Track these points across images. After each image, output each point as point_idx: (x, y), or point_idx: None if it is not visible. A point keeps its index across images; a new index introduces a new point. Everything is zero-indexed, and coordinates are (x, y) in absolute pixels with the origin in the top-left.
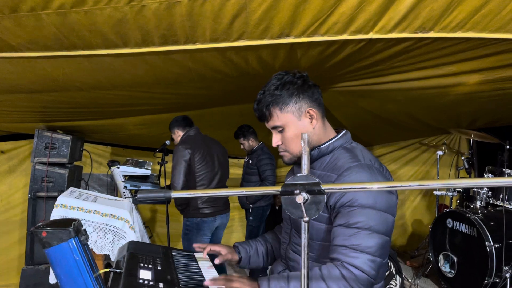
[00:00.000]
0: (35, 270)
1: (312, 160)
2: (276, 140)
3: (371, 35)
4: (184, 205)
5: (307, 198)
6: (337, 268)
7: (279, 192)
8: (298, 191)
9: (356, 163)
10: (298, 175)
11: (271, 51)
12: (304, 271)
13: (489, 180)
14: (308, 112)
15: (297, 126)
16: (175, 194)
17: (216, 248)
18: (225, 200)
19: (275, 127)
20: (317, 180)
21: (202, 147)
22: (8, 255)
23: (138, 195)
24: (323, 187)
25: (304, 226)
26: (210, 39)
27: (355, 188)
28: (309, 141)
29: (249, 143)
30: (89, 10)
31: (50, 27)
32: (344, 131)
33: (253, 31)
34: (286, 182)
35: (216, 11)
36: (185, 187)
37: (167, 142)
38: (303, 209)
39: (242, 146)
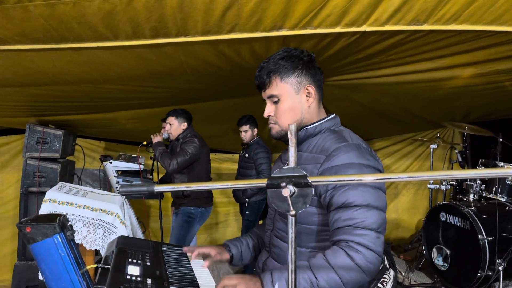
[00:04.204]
0: (27, 266)
1: (299, 142)
2: (268, 110)
3: (365, 28)
4: (191, 195)
5: (293, 191)
6: (342, 250)
7: (265, 185)
8: (284, 184)
9: (344, 143)
10: (285, 167)
11: (264, 44)
12: (291, 266)
13: (479, 172)
14: (307, 89)
15: (293, 99)
16: (158, 188)
17: (205, 250)
18: None
19: (271, 96)
20: (305, 172)
21: (207, 148)
22: (1, 251)
23: (121, 189)
24: (310, 179)
25: (291, 220)
26: (202, 32)
27: (344, 180)
28: (301, 119)
29: (253, 133)
30: (78, 2)
31: (38, 19)
32: (333, 115)
33: (245, 24)
34: (272, 175)
35: (207, 2)
36: (188, 177)
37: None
38: (290, 202)
39: (243, 134)
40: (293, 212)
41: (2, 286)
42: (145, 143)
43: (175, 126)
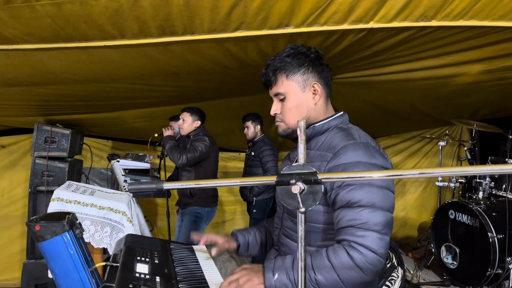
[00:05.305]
0: (36, 264)
1: (306, 140)
2: (275, 108)
3: (372, 25)
4: (197, 194)
5: (303, 188)
6: (343, 249)
7: (274, 183)
8: (294, 181)
9: (352, 141)
10: (294, 164)
11: (270, 41)
12: (301, 264)
13: (492, 168)
14: (313, 86)
15: (299, 97)
16: (167, 186)
17: (213, 238)
18: None
19: (277, 94)
20: (314, 169)
21: (217, 148)
22: (10, 249)
23: (129, 187)
24: (320, 176)
25: (300, 218)
26: (208, 30)
27: (354, 177)
28: (308, 116)
29: (255, 129)
30: (84, 1)
31: (45, 18)
32: (341, 112)
33: (251, 21)
34: (281, 172)
35: (213, 0)
36: (194, 175)
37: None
38: (300, 199)
39: (245, 130)
40: (303, 209)
41: (12, 285)
42: (156, 135)
43: (188, 123)
